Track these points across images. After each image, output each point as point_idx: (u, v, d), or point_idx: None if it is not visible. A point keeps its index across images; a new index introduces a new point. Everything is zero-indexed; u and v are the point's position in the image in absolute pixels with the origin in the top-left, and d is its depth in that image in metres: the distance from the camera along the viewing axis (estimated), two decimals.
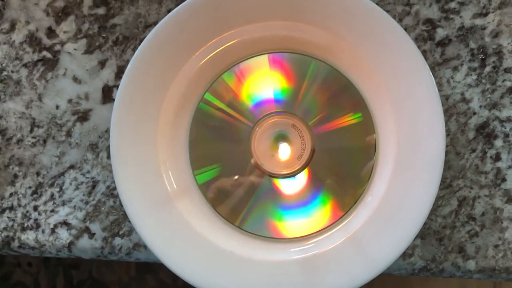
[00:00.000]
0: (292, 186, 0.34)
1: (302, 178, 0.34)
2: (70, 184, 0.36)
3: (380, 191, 0.32)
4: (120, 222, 0.36)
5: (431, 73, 0.30)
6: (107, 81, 0.36)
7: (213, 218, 0.34)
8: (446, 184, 0.35)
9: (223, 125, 0.34)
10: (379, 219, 0.32)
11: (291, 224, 0.34)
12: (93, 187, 0.36)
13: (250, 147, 0.34)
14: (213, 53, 0.33)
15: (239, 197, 0.34)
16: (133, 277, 1.02)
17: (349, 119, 0.33)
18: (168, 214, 0.32)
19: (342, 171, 0.34)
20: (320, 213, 0.34)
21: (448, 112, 0.35)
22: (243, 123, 0.34)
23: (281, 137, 0.34)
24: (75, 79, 0.36)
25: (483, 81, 0.35)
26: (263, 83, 0.34)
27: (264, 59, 0.34)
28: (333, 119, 0.34)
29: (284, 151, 0.34)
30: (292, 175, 0.34)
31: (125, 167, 0.32)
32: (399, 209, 0.31)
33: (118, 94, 0.31)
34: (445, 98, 0.35)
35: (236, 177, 0.34)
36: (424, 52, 0.34)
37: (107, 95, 0.36)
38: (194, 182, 0.34)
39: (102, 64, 0.36)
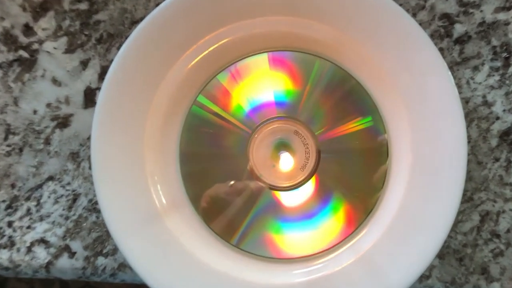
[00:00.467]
0: (295, 199, 0.31)
1: (307, 191, 0.31)
2: (49, 197, 0.33)
3: (394, 204, 0.29)
4: (103, 239, 0.32)
5: (450, 73, 0.26)
6: (90, 83, 0.33)
7: (206, 236, 0.30)
8: (467, 197, 0.31)
9: (218, 131, 0.30)
10: (393, 237, 0.28)
11: (294, 242, 0.30)
12: (74, 200, 0.33)
13: (248, 156, 0.31)
14: (207, 51, 0.30)
15: (235, 212, 0.30)
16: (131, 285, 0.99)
17: (358, 124, 0.30)
18: (156, 232, 0.29)
19: (351, 182, 0.30)
20: (327, 230, 0.30)
21: (469, 116, 0.31)
22: (240, 129, 0.30)
23: (283, 145, 0.31)
24: (55, 81, 0.33)
25: (507, 82, 0.31)
26: (263, 84, 0.30)
27: (263, 58, 0.31)
28: (340, 124, 0.30)
29: (286, 161, 0.30)
30: (295, 187, 0.30)
31: (108, 180, 0.29)
32: (415, 225, 0.28)
33: (100, 98, 0.28)
34: (464, 101, 0.31)
35: (232, 189, 0.30)
36: (440, 51, 0.31)
37: (90, 98, 0.33)
38: (185, 196, 0.31)
39: (84, 64, 0.33)
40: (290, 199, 0.30)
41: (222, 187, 0.30)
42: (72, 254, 0.33)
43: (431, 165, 0.28)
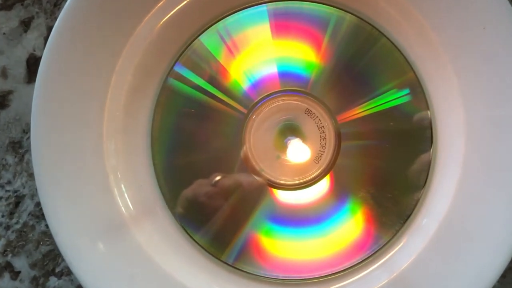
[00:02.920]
0: (306, 201, 0.24)
1: (322, 189, 0.24)
2: None
3: (441, 209, 0.23)
4: (56, 255, 0.28)
5: None
6: (34, 50, 0.28)
7: (190, 251, 0.24)
8: None
9: (203, 111, 0.24)
10: (439, 252, 0.22)
11: (306, 258, 0.24)
12: (16, 204, 0.28)
13: (244, 144, 0.24)
14: (184, 2, 0.23)
15: (227, 219, 0.24)
16: None
17: (391, 99, 0.23)
18: (120, 247, 0.23)
19: (381, 179, 0.24)
20: (351, 241, 0.23)
21: None
22: (232, 107, 0.24)
23: (290, 130, 0.24)
24: None
25: None
26: (261, 48, 0.24)
27: (261, 13, 0.24)
28: (366, 100, 0.23)
29: (295, 150, 0.24)
30: (307, 185, 0.24)
31: (55, 178, 0.23)
32: (469, 236, 0.22)
33: (41, 69, 0.22)
34: None
35: (218, 188, 0.24)
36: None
37: (34, 70, 0.28)
38: (160, 198, 0.24)
39: (26, 24, 0.28)
40: (300, 202, 0.24)
41: (203, 186, 0.23)
42: (16, 274, 0.28)
43: (491, 156, 0.22)
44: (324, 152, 0.23)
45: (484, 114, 0.22)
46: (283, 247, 0.24)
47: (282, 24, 0.24)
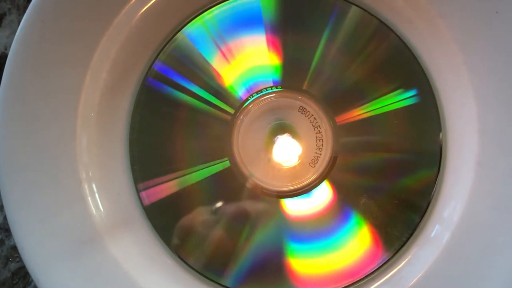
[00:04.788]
0: (304, 210, 0.21)
1: (321, 197, 0.21)
2: None
3: (453, 217, 0.20)
4: (27, 272, 0.25)
5: None
6: (6, 49, 0.26)
7: (173, 268, 0.21)
8: None
9: (185, 113, 0.21)
10: (452, 266, 0.19)
11: (306, 272, 0.21)
12: None
13: (232, 147, 0.21)
14: None
15: (215, 233, 0.21)
16: None
17: (396, 100, 0.21)
18: (94, 261, 0.20)
19: (385, 184, 0.21)
20: (352, 254, 0.21)
21: None
22: (218, 107, 0.21)
23: (282, 130, 0.21)
24: None
25: None
26: (250, 40, 0.21)
27: (253, 2, 0.21)
28: (369, 100, 0.21)
29: (285, 148, 0.21)
30: (303, 192, 0.21)
31: (21, 187, 0.20)
32: (486, 247, 0.19)
33: (7, 68, 0.20)
34: None
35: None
36: None
37: None
38: (139, 207, 0.21)
39: None
40: (298, 211, 0.21)
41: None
42: None
43: (507, 157, 0.19)
44: (320, 154, 0.21)
45: (498, 111, 0.19)
46: (283, 263, 0.21)
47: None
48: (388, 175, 0.21)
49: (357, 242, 0.20)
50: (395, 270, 0.20)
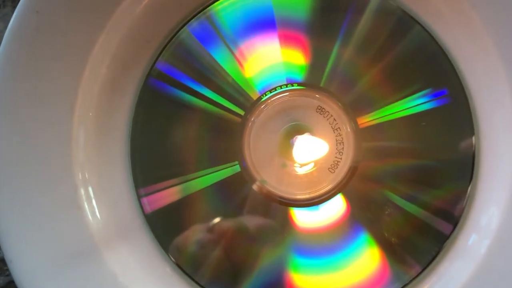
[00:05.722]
0: (318, 220, 0.19)
1: (337, 207, 0.19)
2: None
3: (489, 231, 0.18)
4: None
5: None
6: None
7: (177, 283, 0.19)
8: None
9: (191, 114, 0.19)
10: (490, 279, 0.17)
11: None
12: None
13: (242, 151, 0.19)
14: None
15: (223, 246, 0.19)
16: None
17: (424, 101, 0.19)
18: (89, 275, 0.19)
19: (409, 197, 0.19)
20: (372, 270, 0.18)
21: None
22: (227, 109, 0.19)
23: (298, 132, 0.19)
24: None
25: None
26: (263, 37, 0.19)
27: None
28: (393, 100, 0.19)
29: (306, 145, 0.19)
30: (321, 201, 0.19)
31: (11, 192, 0.18)
32: None
33: None
34: None
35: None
36: None
37: None
38: (140, 216, 0.19)
39: None
40: (311, 222, 0.19)
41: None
42: None
43: None
44: (341, 159, 0.19)
45: None
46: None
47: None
48: (412, 186, 0.19)
49: (375, 259, 0.18)
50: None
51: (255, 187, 0.19)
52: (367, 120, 0.19)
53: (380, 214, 0.18)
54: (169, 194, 0.19)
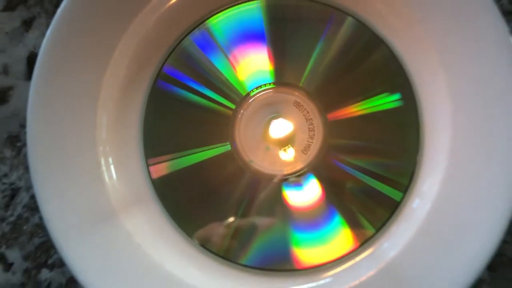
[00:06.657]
0: (298, 194, 0.23)
1: (312, 184, 0.23)
2: None
3: (428, 199, 0.22)
4: (49, 247, 0.27)
5: None
6: (34, 48, 0.28)
7: (180, 242, 0.24)
8: None
9: (192, 108, 0.24)
10: (427, 242, 0.22)
11: (299, 250, 0.23)
12: (12, 197, 0.27)
13: (234, 136, 0.24)
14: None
15: (221, 213, 0.23)
16: None
17: (382, 102, 0.23)
18: (110, 236, 0.23)
19: (368, 171, 0.23)
20: (339, 233, 0.23)
21: None
22: (221, 103, 0.24)
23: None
24: None
25: None
26: (252, 43, 0.24)
27: (255, 10, 0.24)
28: (357, 100, 0.23)
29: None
30: (298, 174, 0.23)
31: (48, 168, 0.22)
32: (457, 226, 0.21)
33: (38, 65, 0.22)
34: None
35: (212, 176, 0.24)
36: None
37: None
38: (151, 188, 0.24)
39: (27, 24, 0.28)
40: (291, 195, 0.23)
41: (201, 188, 0.23)
42: (8, 266, 0.27)
43: (480, 153, 0.21)
44: (312, 142, 0.23)
45: (470, 110, 0.22)
46: (274, 242, 0.23)
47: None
48: (372, 161, 0.23)
49: (341, 222, 0.23)
50: (375, 247, 0.22)
51: (242, 164, 0.24)
52: (334, 114, 0.23)
53: (343, 187, 0.23)
54: (172, 165, 0.23)
